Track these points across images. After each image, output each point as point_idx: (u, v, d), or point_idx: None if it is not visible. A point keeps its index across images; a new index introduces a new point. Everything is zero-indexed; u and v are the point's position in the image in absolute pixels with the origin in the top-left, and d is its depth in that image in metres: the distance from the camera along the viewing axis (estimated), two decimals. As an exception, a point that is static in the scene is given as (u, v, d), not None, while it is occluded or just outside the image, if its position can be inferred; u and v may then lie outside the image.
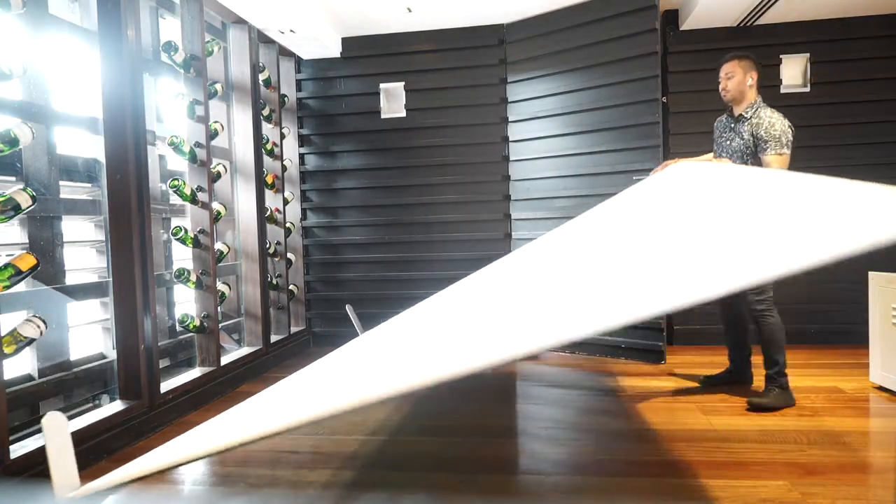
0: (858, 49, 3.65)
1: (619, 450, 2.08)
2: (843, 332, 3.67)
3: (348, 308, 2.93)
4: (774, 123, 2.43)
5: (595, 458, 2.02)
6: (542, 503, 1.69)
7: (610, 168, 3.45)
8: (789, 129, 2.43)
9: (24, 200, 1.83)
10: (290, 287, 3.92)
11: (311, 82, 4.13)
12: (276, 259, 3.79)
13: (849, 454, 1.98)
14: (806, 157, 3.68)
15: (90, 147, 2.42)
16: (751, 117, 2.51)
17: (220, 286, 2.99)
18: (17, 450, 1.81)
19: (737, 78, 2.55)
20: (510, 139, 3.90)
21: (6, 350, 1.78)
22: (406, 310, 1.82)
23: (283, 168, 3.87)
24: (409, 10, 3.60)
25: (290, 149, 4.08)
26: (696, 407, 2.52)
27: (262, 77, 3.56)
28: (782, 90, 3.70)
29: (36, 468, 1.80)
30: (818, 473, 1.84)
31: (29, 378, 2.11)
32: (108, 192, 2.29)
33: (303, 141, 4.16)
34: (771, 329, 2.53)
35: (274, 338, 3.67)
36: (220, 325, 3.09)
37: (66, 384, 2.21)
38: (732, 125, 2.61)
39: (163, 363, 2.72)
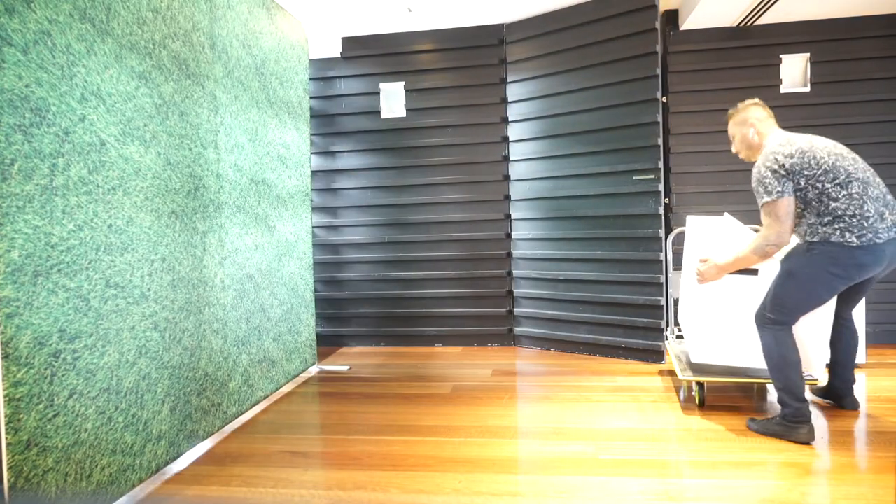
0: (858, 49, 3.65)
1: (617, 449, 2.09)
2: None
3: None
4: (759, 169, 2.13)
5: (595, 455, 2.03)
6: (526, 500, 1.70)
7: (610, 168, 3.45)
8: (768, 171, 2.08)
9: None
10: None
11: (311, 82, 4.13)
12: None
13: (849, 454, 1.99)
14: (806, 157, 3.70)
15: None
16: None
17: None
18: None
19: (738, 137, 2.33)
20: (510, 139, 3.90)
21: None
22: (406, 309, 1.82)
23: (284, 168, 3.87)
24: (410, 10, 3.60)
25: (291, 149, 4.08)
26: (695, 406, 2.52)
27: (262, 77, 3.56)
28: (782, 90, 3.70)
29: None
30: (818, 473, 1.84)
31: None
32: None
33: (303, 141, 4.17)
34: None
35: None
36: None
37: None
38: None
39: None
